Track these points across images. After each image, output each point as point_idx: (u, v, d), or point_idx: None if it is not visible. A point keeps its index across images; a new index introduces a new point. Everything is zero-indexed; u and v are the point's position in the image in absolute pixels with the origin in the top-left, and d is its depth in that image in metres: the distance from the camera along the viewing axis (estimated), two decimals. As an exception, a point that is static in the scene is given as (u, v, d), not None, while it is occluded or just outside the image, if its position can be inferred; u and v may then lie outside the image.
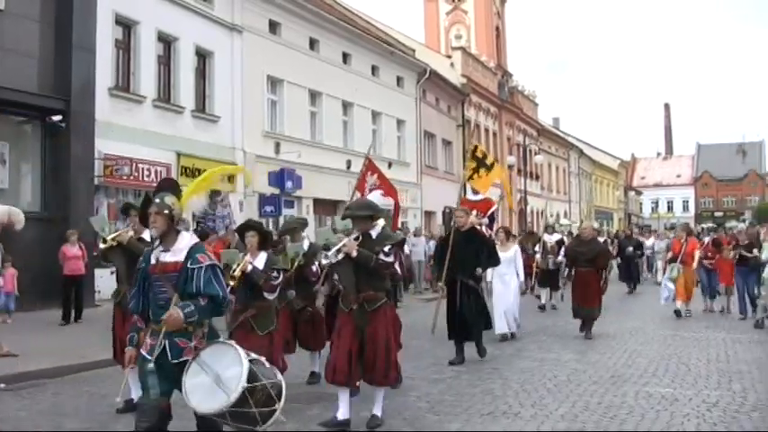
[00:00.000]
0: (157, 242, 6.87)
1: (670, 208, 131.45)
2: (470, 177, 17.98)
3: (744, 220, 37.85)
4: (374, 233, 9.34)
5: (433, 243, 29.88)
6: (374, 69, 40.42)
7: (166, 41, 26.30)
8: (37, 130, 21.63)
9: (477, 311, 13.84)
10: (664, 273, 32.28)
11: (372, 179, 16.68)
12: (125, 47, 24.67)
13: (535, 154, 59.30)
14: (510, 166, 55.43)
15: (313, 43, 34.81)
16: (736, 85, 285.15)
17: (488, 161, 18.20)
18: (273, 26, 32.00)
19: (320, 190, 33.59)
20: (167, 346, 6.50)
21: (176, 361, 6.48)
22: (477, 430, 9.10)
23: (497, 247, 15.96)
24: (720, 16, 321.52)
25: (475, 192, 19.26)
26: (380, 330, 9.19)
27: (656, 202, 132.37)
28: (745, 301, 20.23)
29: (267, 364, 6.68)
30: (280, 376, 6.64)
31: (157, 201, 6.71)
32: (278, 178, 30.53)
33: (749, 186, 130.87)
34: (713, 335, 16.81)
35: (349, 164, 35.75)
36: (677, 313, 20.39)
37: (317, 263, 11.57)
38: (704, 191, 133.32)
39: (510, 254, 16.88)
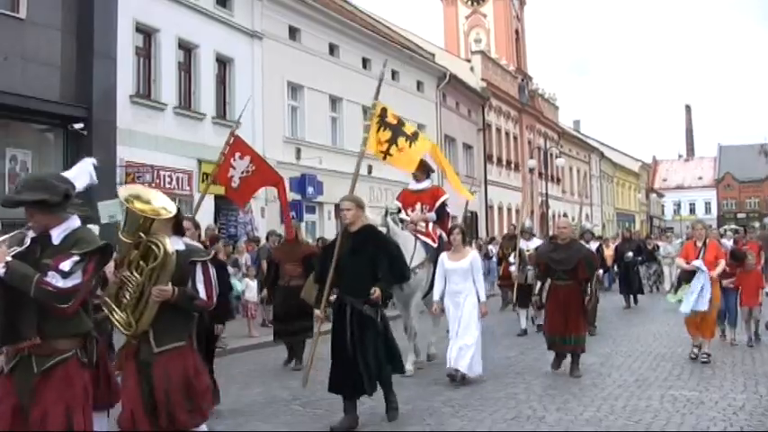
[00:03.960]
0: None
1: (692, 210, 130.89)
2: (387, 153, 12.27)
3: (765, 225, 36.57)
4: (57, 235, 5.80)
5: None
6: (394, 74, 40.32)
7: (187, 48, 26.36)
8: (59, 137, 21.71)
9: (375, 351, 9.40)
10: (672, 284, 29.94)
11: (243, 163, 12.29)
12: (146, 54, 24.74)
13: (556, 157, 59.07)
14: (531, 170, 55.34)
15: (333, 49, 34.82)
16: (757, 85, 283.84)
17: (407, 130, 12.48)
18: (293, 32, 32.05)
19: (341, 195, 33.49)
20: None
21: None
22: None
23: (449, 254, 12.63)
24: (741, 17, 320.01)
25: (419, 179, 14.68)
26: (55, 410, 5.61)
27: (679, 204, 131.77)
28: None
29: None
30: None
31: None
32: (299, 184, 30.55)
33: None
34: (738, 338, 16.58)
35: (370, 169, 35.71)
36: (694, 357, 13.96)
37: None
38: (726, 192, 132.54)
39: (464, 264, 12.34)
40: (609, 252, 27.70)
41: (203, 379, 6.72)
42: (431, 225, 14.36)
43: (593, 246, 20.66)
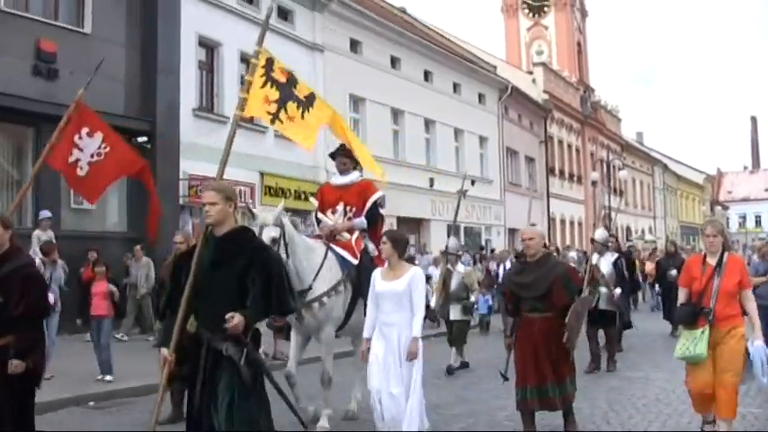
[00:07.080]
0: None
1: (758, 222, 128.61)
2: (276, 117, 8.70)
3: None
4: None
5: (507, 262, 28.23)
6: (456, 87, 40.38)
7: (249, 62, 26.49)
8: (123, 151, 22.00)
9: (228, 410, 6.13)
10: None
11: (93, 143, 9.13)
12: (208, 68, 25.01)
13: (619, 170, 58.57)
14: (593, 183, 54.91)
15: (394, 61, 34.88)
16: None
17: (300, 92, 8.90)
18: (354, 45, 32.16)
19: (403, 208, 33.54)
20: None
21: None
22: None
23: (382, 271, 8.86)
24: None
25: (345, 168, 11.22)
26: None
27: (744, 217, 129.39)
28: None
29: None
30: None
31: None
32: (360, 197, 30.56)
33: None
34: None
35: (432, 182, 35.73)
36: None
37: None
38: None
39: (399, 285, 8.57)
40: (649, 267, 27.02)
41: None
42: (356, 234, 10.57)
43: (609, 258, 15.61)
